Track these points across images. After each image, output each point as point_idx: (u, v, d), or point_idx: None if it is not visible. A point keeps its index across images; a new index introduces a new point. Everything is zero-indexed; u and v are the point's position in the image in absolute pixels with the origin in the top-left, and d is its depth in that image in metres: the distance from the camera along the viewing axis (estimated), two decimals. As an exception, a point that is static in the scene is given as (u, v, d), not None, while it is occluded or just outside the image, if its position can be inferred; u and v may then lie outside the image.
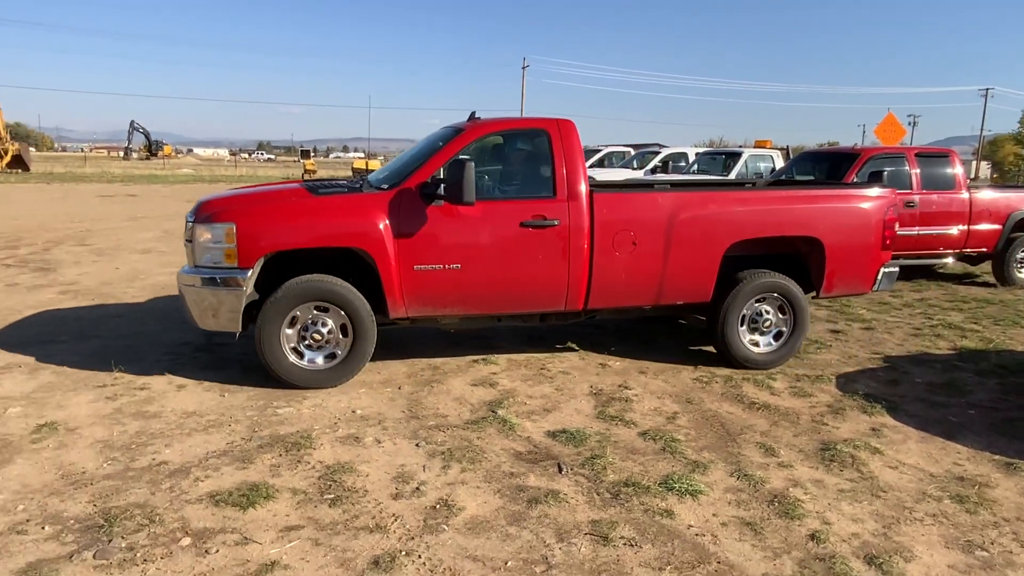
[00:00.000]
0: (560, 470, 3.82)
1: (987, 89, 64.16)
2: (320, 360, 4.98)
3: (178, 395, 4.78)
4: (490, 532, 3.17)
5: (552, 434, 4.30)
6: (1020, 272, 9.96)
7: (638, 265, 5.28)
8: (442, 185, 4.86)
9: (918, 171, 9.29)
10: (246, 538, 3.06)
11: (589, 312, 5.55)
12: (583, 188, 5.16)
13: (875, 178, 8.73)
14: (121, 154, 79.15)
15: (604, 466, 3.86)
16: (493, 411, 4.63)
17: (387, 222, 4.85)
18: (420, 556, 2.96)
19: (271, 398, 4.76)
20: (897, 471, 3.92)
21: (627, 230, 5.21)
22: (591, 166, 19.75)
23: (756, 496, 3.57)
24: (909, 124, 70.29)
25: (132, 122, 75.71)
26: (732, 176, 13.29)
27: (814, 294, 5.84)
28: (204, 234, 4.77)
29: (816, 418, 4.68)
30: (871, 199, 5.78)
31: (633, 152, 20.55)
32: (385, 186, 5.11)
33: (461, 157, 4.89)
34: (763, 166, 13.64)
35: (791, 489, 3.65)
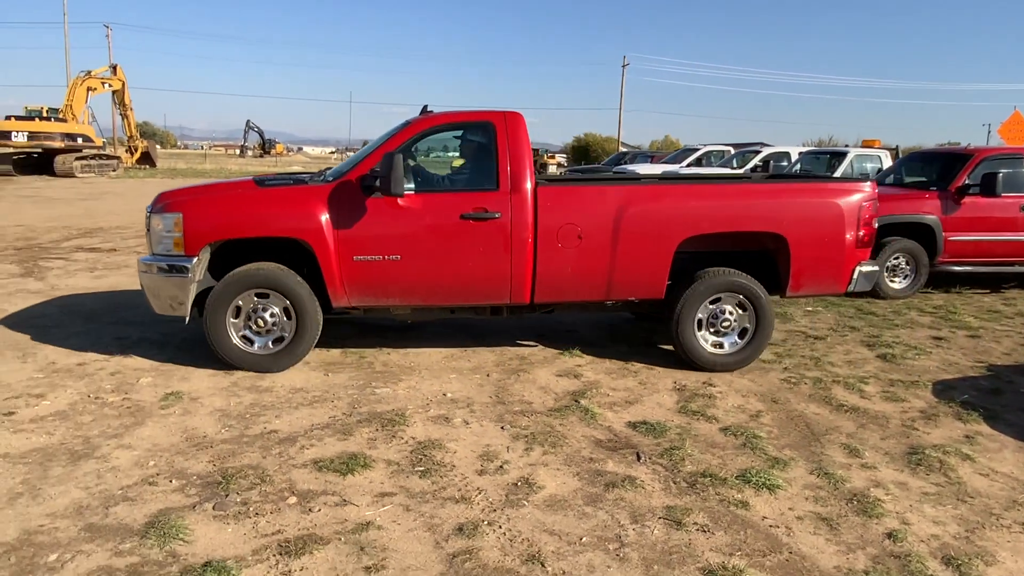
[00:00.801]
0: (638, 458, 3.94)
1: None
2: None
3: (287, 373, 5.19)
4: (567, 510, 3.35)
5: (632, 425, 4.43)
6: None
7: (584, 259, 5.19)
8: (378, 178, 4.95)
9: (1038, 173, 8.76)
10: (345, 500, 3.36)
11: (539, 306, 5.51)
12: (528, 181, 5.12)
13: (989, 180, 8.37)
14: (237, 151, 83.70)
15: (682, 457, 3.96)
16: (576, 400, 4.80)
17: (327, 213, 4.96)
18: (501, 527, 3.17)
19: (370, 379, 5.10)
20: (988, 478, 3.82)
21: (572, 223, 5.13)
22: (688, 165, 19.52)
23: (835, 494, 3.59)
24: (1042, 123, 65.32)
25: (248, 121, 80.00)
26: (837, 175, 12.87)
27: (781, 293, 5.58)
28: (158, 223, 5.02)
29: (906, 423, 4.59)
30: (844, 194, 5.44)
31: (733, 151, 20.16)
32: (331, 179, 5.21)
33: (392, 151, 4.95)
34: (870, 166, 13.14)
35: (872, 489, 3.64)
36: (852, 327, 7.08)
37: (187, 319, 5.14)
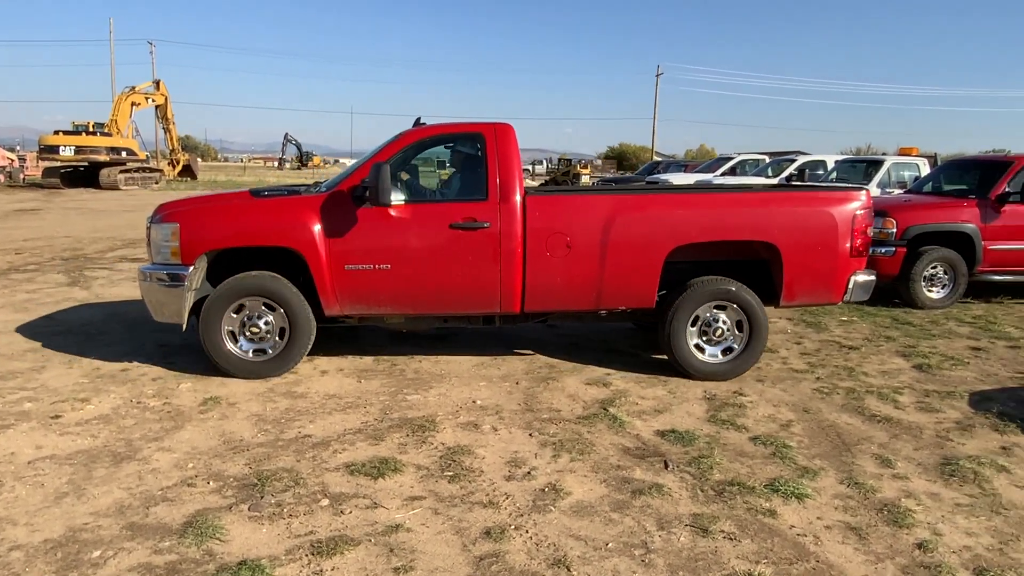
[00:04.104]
0: (666, 466, 3.96)
1: None
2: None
3: (321, 379, 5.30)
4: (594, 516, 3.38)
5: (661, 433, 4.44)
6: None
7: (573, 269, 5.20)
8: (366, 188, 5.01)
9: (1083, 180, 8.55)
10: (375, 503, 3.44)
11: (530, 315, 5.53)
12: (517, 191, 5.16)
13: (1029, 187, 8.20)
14: (276, 164, 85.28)
15: (711, 465, 3.96)
16: (605, 409, 4.82)
17: (319, 223, 5.05)
18: (527, 531, 3.22)
19: (401, 386, 5.19)
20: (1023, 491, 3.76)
21: (561, 233, 5.15)
22: (722, 174, 19.40)
23: (865, 504, 3.56)
24: (1090, 129, 63.39)
25: (286, 134, 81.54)
26: (873, 184, 12.70)
27: (775, 303, 5.50)
28: (156, 234, 5.16)
29: (941, 433, 4.53)
30: (838, 202, 5.38)
31: (768, 160, 19.98)
32: (323, 190, 5.29)
33: (380, 161, 5.01)
34: (907, 174, 12.91)
35: (903, 499, 3.60)
36: (888, 337, 6.99)
37: (184, 327, 5.28)
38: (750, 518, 3.40)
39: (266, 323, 5.22)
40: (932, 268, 8.34)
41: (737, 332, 5.47)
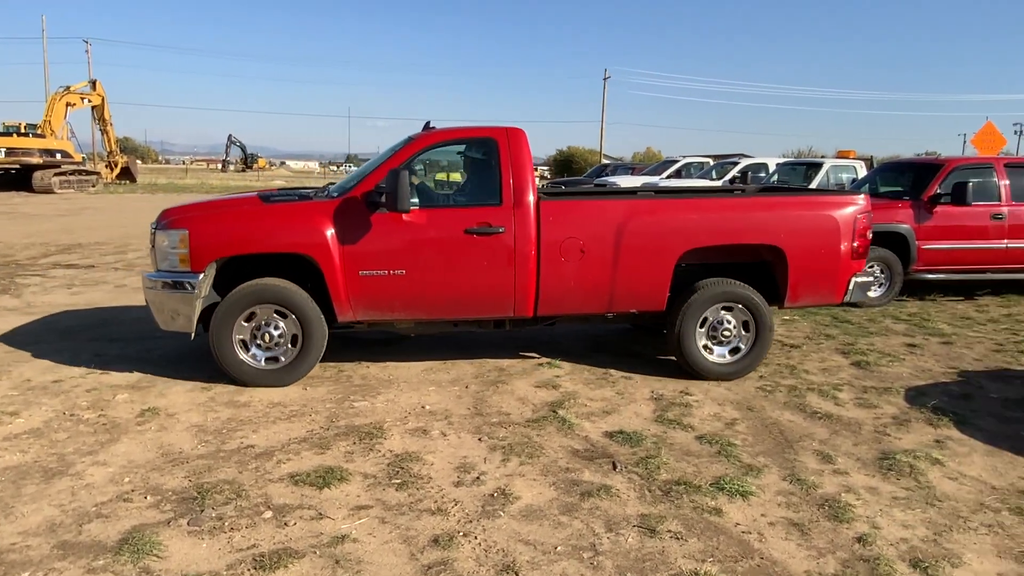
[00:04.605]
0: (614, 467, 3.98)
1: (1104, 95, 59.98)
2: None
3: (265, 388, 5.18)
4: (543, 520, 3.37)
5: (609, 434, 4.46)
6: (1122, 289, 9.43)
7: (587, 273, 5.27)
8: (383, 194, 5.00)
9: (1007, 182, 8.94)
10: (321, 514, 3.37)
11: (541, 319, 5.58)
12: (530, 196, 5.20)
13: (960, 189, 8.54)
14: (219, 166, 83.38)
15: (658, 465, 4.00)
16: (554, 411, 4.83)
17: (333, 229, 5.00)
18: (476, 537, 3.19)
19: (348, 392, 5.11)
20: (956, 482, 3.89)
21: (575, 238, 5.22)
22: (668, 176, 19.69)
23: (807, 499, 3.64)
24: (1015, 133, 66.36)
25: (230, 136, 79.73)
26: (813, 186, 13.05)
27: (779, 304, 5.68)
28: (162, 240, 5.05)
29: (879, 428, 4.66)
30: (840, 206, 5.58)
31: (712, 163, 20.36)
32: (335, 194, 5.27)
33: (397, 167, 5.02)
34: (845, 176, 13.33)
35: (843, 494, 3.70)
36: (827, 335, 7.18)
37: (192, 335, 5.16)
38: (696, 517, 3.44)
39: (278, 331, 5.13)
40: (869, 267, 8.60)
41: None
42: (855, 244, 5.55)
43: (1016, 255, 8.94)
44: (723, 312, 5.55)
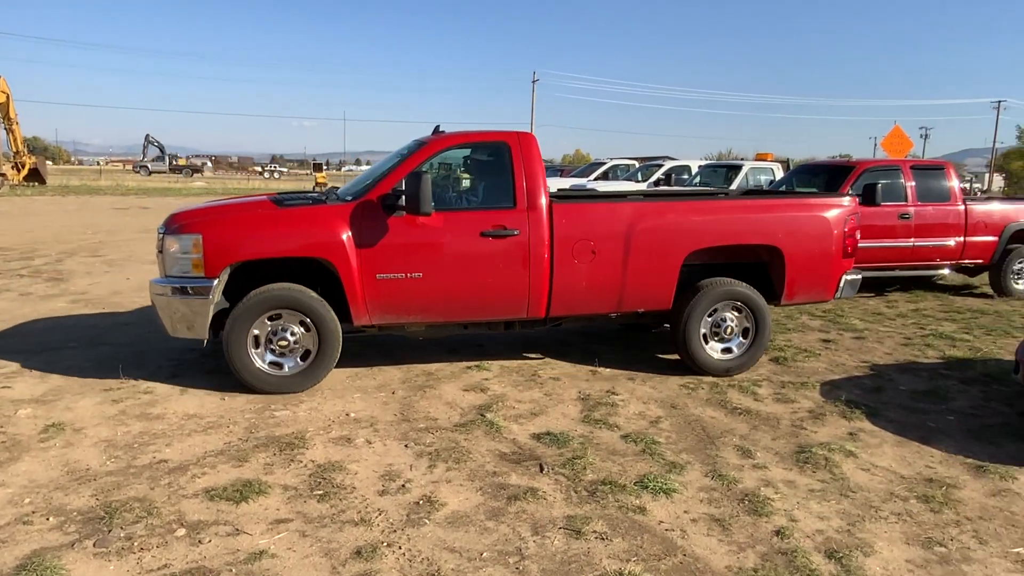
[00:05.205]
0: (541, 470, 3.98)
1: (999, 101, 63.95)
2: (286, 366, 5.12)
3: (180, 399, 4.98)
4: (469, 526, 3.34)
5: (537, 436, 4.46)
6: (1017, 283, 10.03)
7: (598, 274, 5.40)
8: (402, 196, 5.02)
9: (913, 184, 9.40)
10: (237, 529, 3.24)
11: (552, 320, 5.67)
12: (543, 199, 5.30)
13: (869, 190, 8.91)
14: (136, 167, 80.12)
15: (584, 466, 4.02)
16: (482, 415, 4.80)
17: (349, 232, 5.00)
18: (400, 547, 3.13)
19: (269, 402, 4.95)
20: (869, 473, 4.05)
21: (586, 239, 5.35)
22: (595, 178, 19.95)
23: (728, 495, 3.72)
24: (921, 137, 70.09)
25: (147, 136, 76.67)
26: (733, 187, 13.44)
27: (776, 302, 5.93)
28: (173, 245, 4.95)
29: (796, 423, 4.81)
30: (832, 208, 5.88)
31: (638, 165, 20.73)
32: (348, 198, 5.26)
33: (419, 170, 5.06)
34: (763, 178, 13.78)
35: (763, 489, 3.79)
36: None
37: (205, 342, 5.08)
38: (621, 516, 3.46)
39: (294, 336, 5.08)
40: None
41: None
42: (845, 244, 5.86)
43: (922, 253, 9.41)
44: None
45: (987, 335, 7.55)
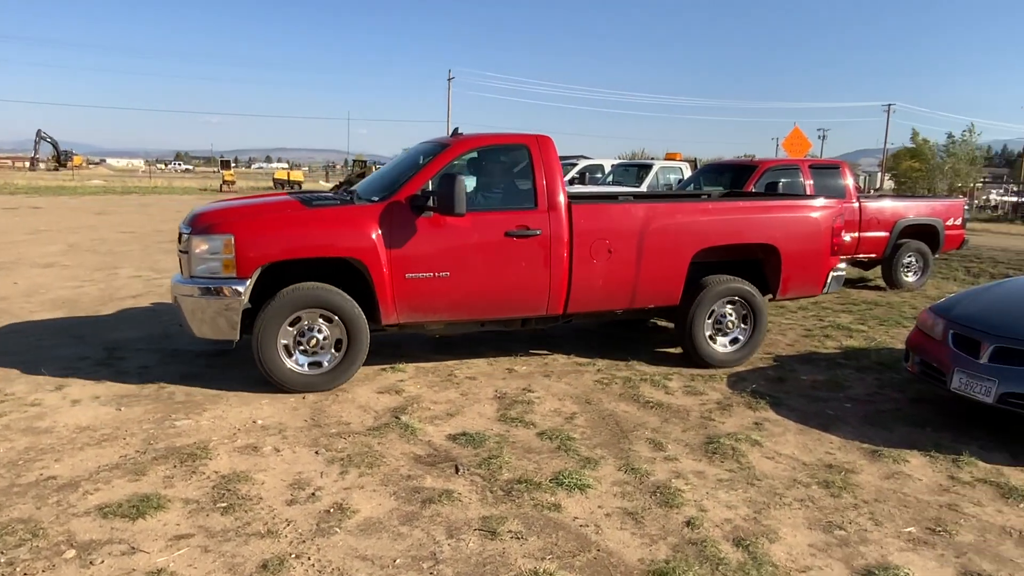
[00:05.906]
0: (457, 471, 3.93)
1: (889, 104, 67.81)
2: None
3: (72, 410, 4.68)
4: (382, 532, 3.26)
5: (453, 437, 4.41)
6: (907, 276, 10.66)
7: (614, 272, 5.61)
8: (432, 197, 5.10)
9: (811, 182, 9.85)
10: (133, 548, 3.06)
11: (567, 317, 5.82)
12: (562, 199, 5.47)
13: (771, 188, 9.27)
14: (27, 164, 75.31)
15: (500, 465, 4.00)
16: (397, 417, 4.71)
17: (379, 232, 5.05)
18: (310, 558, 3.02)
19: (169, 411, 4.71)
20: (773, 461, 4.19)
21: (603, 239, 5.54)
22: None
23: (640, 488, 3.77)
24: (819, 138, 73.60)
25: (39, 131, 72.20)
26: (644, 187, 13.74)
27: (770, 297, 6.28)
28: (201, 245, 4.86)
29: (705, 414, 4.94)
30: (821, 209, 6.27)
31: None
32: (375, 198, 5.30)
33: (452, 172, 5.18)
34: (672, 177, 14.15)
35: (673, 480, 3.87)
36: (658, 327, 7.54)
37: (235, 343, 5.05)
38: (536, 514, 3.46)
39: (324, 335, 5.09)
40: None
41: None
42: (833, 242, 6.24)
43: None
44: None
45: (880, 325, 7.98)
